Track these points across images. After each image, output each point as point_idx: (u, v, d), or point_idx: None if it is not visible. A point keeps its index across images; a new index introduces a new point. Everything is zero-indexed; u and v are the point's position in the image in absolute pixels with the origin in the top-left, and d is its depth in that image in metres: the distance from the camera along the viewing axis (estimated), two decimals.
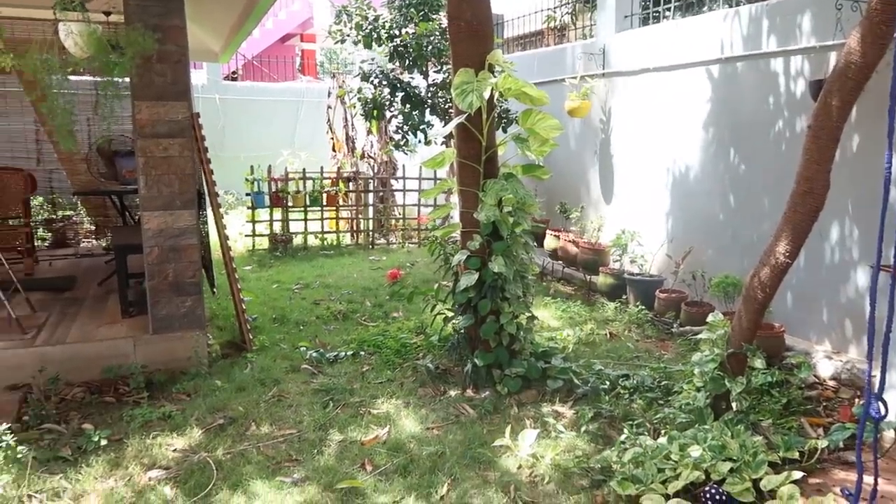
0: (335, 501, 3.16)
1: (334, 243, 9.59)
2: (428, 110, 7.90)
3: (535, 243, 5.45)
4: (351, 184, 9.73)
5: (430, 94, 7.75)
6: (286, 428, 3.94)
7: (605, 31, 7.03)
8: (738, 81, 5.48)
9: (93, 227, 9.00)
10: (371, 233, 9.77)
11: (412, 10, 7.32)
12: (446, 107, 7.85)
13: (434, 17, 7.55)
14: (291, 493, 3.22)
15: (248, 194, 9.13)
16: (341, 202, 9.69)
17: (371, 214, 9.96)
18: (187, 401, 4.30)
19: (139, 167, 4.59)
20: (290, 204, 9.20)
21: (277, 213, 9.21)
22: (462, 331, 4.64)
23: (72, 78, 8.14)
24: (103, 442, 3.65)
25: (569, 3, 9.27)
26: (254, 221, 9.07)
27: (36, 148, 8.18)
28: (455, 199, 4.80)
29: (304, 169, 9.34)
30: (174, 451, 3.65)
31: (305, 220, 9.35)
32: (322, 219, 9.59)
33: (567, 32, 9.53)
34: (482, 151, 4.34)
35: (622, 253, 6.45)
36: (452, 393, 4.42)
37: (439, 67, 7.57)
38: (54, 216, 8.71)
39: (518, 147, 4.31)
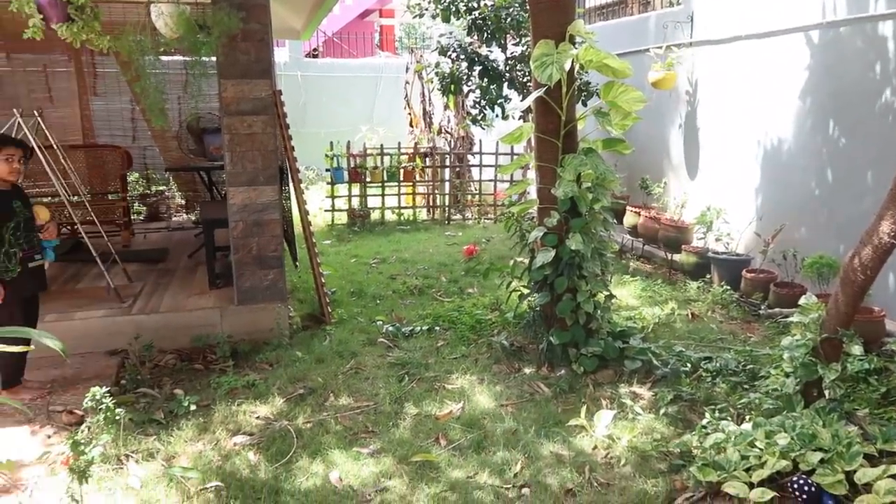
0: (410, 474, 3.21)
1: (410, 218, 9.67)
2: (506, 84, 7.78)
3: (615, 220, 5.30)
4: (428, 159, 9.75)
5: (508, 68, 7.63)
6: (363, 400, 4.02)
7: None
8: (840, 47, 5.11)
9: (183, 202, 9.42)
10: (447, 208, 9.78)
11: None
12: (524, 80, 7.71)
13: None
14: (367, 464, 3.29)
15: (327, 170, 9.30)
16: (418, 178, 9.74)
17: (447, 190, 9.97)
18: (270, 370, 4.45)
19: (225, 144, 4.74)
20: (368, 179, 9.32)
21: (356, 189, 9.35)
22: (538, 308, 4.59)
23: (163, 58, 8.46)
24: (192, 407, 3.83)
25: None
26: (333, 197, 9.24)
27: (132, 126, 8.59)
28: (532, 174, 4.73)
29: (381, 145, 9.42)
30: (257, 418, 3.80)
31: (383, 195, 9.45)
32: (399, 194, 9.67)
33: (651, 0, 9.15)
34: (561, 126, 4.24)
35: (707, 230, 6.20)
36: (527, 370, 4.39)
37: (518, 40, 7.42)
38: (148, 191, 9.15)
39: (598, 121, 4.18)
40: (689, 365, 4.27)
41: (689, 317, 5.40)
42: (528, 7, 7.24)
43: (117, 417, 3.23)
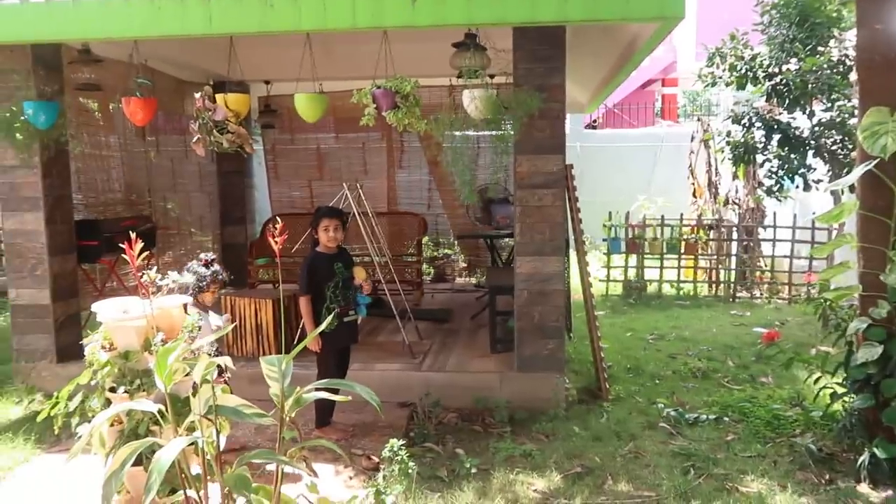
0: None
1: (690, 293, 9.12)
2: (811, 153, 7.06)
3: None
4: (712, 231, 9.17)
5: (813, 135, 6.92)
6: (644, 489, 3.78)
7: None
8: None
9: (464, 265, 10.06)
10: (732, 284, 9.05)
11: (797, 44, 6.64)
12: (833, 148, 6.92)
13: (822, 49, 6.76)
14: None
15: (604, 240, 9.24)
16: (700, 251, 9.20)
17: (733, 265, 9.24)
18: (545, 442, 4.43)
19: (516, 215, 4.96)
20: (646, 251, 9.05)
21: (632, 260, 9.13)
22: (856, 412, 3.93)
23: (458, 133, 9.25)
24: (473, 470, 3.95)
25: None
26: (609, 267, 9.13)
27: (427, 196, 9.49)
28: (850, 255, 4.15)
29: (662, 216, 9.12)
30: (534, 491, 3.77)
31: (661, 267, 9.09)
32: (679, 267, 9.21)
33: None
34: (894, 203, 3.67)
35: None
36: (842, 484, 3.75)
37: (829, 105, 6.72)
38: (437, 254, 9.95)
39: None
40: None
41: None
42: (847, 70, 6.60)
43: (410, 471, 3.46)
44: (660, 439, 4.44)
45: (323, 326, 2.88)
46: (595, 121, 16.90)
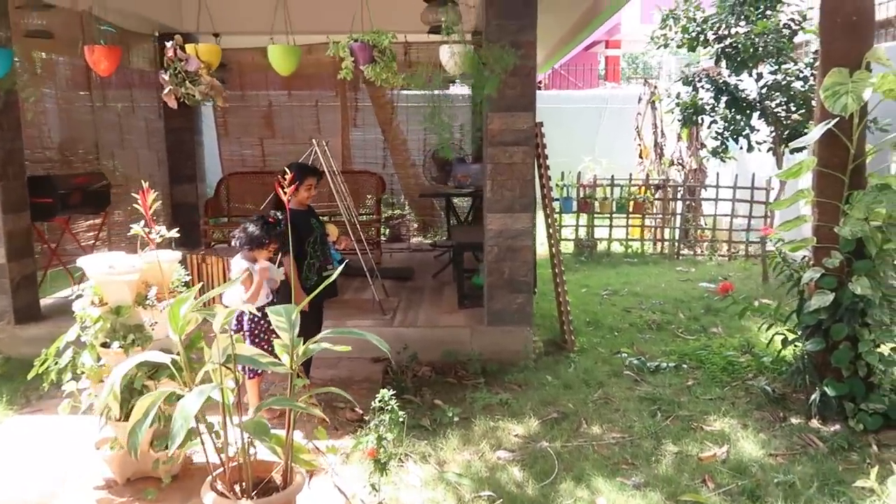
0: None
1: (638, 251, 9.47)
2: (756, 115, 7.36)
3: None
4: (660, 192, 9.51)
5: (760, 98, 7.22)
6: (616, 431, 4.01)
7: None
8: None
9: (416, 225, 10.11)
10: (677, 242, 9.44)
11: (748, 7, 6.87)
12: (777, 111, 7.24)
13: (770, 13, 7.01)
14: (634, 497, 3.27)
15: (556, 199, 9.44)
16: (647, 210, 9.53)
17: (678, 223, 9.63)
18: (519, 391, 4.60)
19: (486, 172, 5.04)
20: (596, 210, 9.31)
21: (582, 219, 9.39)
22: (808, 355, 4.26)
23: (412, 93, 9.15)
24: (455, 418, 4.08)
25: None
26: (560, 226, 9.34)
27: (382, 155, 9.46)
28: (803, 210, 4.44)
29: (612, 176, 9.38)
30: (516, 436, 3.94)
31: (611, 226, 9.38)
32: (627, 226, 9.54)
33: None
34: (849, 160, 3.93)
35: None
36: (794, 421, 4.08)
37: (776, 68, 7.00)
38: (392, 214, 9.96)
39: None
40: None
41: None
42: (786, 34, 6.88)
43: (400, 419, 3.56)
44: (626, 385, 4.69)
45: (328, 281, 2.90)
46: (540, 82, 17.03)
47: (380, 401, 3.54)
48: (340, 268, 4.54)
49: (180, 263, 3.44)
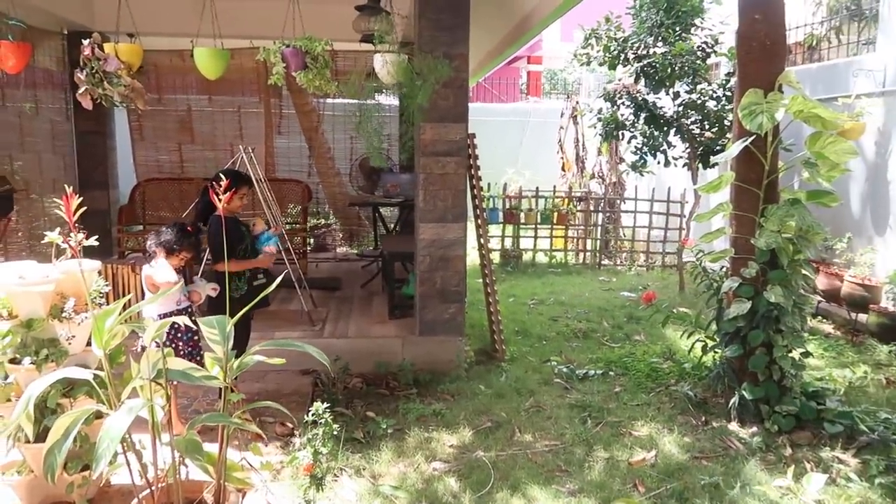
0: None
1: (562, 262, 9.69)
2: (673, 131, 7.70)
3: None
4: (582, 203, 9.78)
5: (676, 115, 7.55)
6: (549, 438, 4.06)
7: (889, 46, 6.38)
8: None
9: (341, 235, 9.96)
10: (598, 253, 9.73)
11: (666, 29, 7.19)
12: (692, 128, 7.59)
13: (686, 36, 7.36)
14: (570, 503, 3.31)
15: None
16: (569, 221, 9.77)
17: (599, 235, 9.92)
18: (452, 401, 4.59)
19: (419, 182, 5.02)
20: (522, 221, 9.47)
21: (508, 230, 9.52)
22: (727, 361, 4.45)
23: (338, 101, 9.03)
24: (389, 430, 4.03)
25: (832, 19, 8.54)
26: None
27: (308, 163, 9.28)
28: (720, 222, 4.65)
29: (537, 188, 9.57)
30: (450, 446, 3.92)
31: (535, 237, 9.56)
32: (551, 237, 9.74)
33: (820, 50, 8.79)
34: (764, 175, 4.16)
35: None
36: (715, 424, 4.25)
37: (691, 87, 7.35)
38: (318, 223, 9.78)
39: (807, 172, 4.07)
40: None
41: (884, 382, 5.02)
42: (700, 55, 7.24)
43: (335, 433, 3.47)
44: (556, 393, 4.76)
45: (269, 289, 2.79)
46: None
47: (313, 414, 3.45)
48: (278, 280, 4.43)
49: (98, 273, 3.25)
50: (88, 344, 3.11)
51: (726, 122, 7.32)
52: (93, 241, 2.90)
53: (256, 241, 4.22)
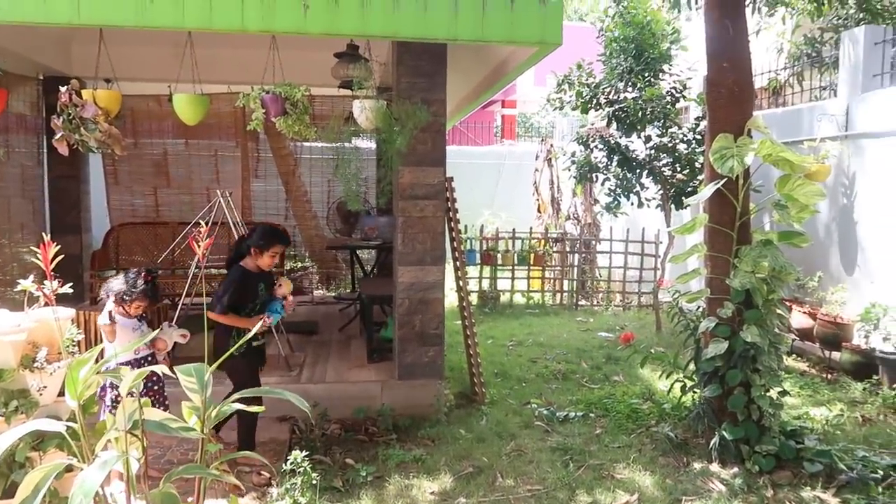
0: None
1: (539, 302, 9.72)
2: (645, 173, 7.86)
3: None
4: (557, 244, 9.87)
5: (648, 158, 7.73)
6: (531, 483, 4.01)
7: (848, 91, 6.63)
8: None
9: (317, 278, 9.89)
10: (575, 293, 9.78)
11: (636, 76, 7.41)
12: (664, 171, 7.77)
13: (657, 82, 7.58)
14: None
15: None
16: (546, 262, 9.85)
17: (575, 275, 10.00)
18: (432, 446, 4.53)
19: (398, 225, 5.04)
20: (499, 262, 9.52)
21: (486, 271, 9.56)
22: (706, 401, 4.47)
23: (315, 145, 9.07)
24: (369, 478, 3.95)
25: (794, 65, 8.88)
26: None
27: (285, 206, 9.26)
28: (695, 263, 4.73)
29: (513, 229, 9.65)
30: (431, 494, 3.85)
31: (513, 278, 9.60)
32: (529, 278, 9.79)
33: (784, 95, 9.11)
34: (737, 217, 4.25)
35: (873, 328, 5.88)
36: (696, 465, 4.25)
37: (662, 131, 7.54)
38: (295, 266, 9.71)
39: (777, 213, 4.17)
40: (879, 472, 3.99)
41: (860, 420, 5.07)
42: (669, 100, 7.45)
43: (314, 482, 3.40)
44: (537, 437, 4.72)
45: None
46: None
47: (291, 463, 3.38)
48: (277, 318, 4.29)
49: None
50: (60, 394, 3.04)
51: (697, 165, 7.51)
52: (67, 289, 2.85)
53: (266, 302, 4.12)
